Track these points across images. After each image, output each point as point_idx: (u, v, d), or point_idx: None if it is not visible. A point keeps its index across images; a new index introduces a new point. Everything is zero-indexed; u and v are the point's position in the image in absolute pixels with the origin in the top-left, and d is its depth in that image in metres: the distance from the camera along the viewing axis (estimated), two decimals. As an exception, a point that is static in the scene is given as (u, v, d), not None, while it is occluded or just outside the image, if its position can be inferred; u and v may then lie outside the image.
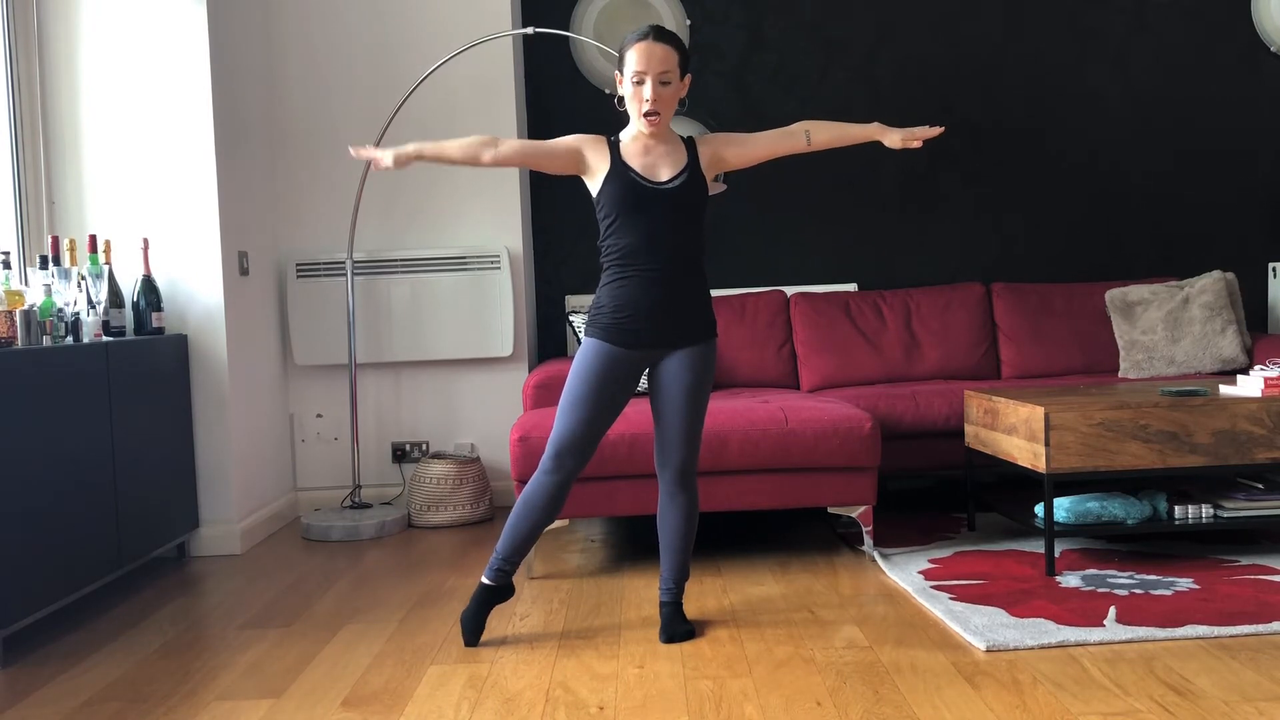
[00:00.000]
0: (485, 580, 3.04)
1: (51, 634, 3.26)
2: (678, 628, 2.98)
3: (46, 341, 3.43)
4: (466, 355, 4.84)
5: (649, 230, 2.90)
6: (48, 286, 3.54)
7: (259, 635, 3.17)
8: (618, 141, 2.99)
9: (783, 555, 3.86)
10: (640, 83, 2.89)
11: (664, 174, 2.94)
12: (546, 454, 2.97)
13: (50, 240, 3.66)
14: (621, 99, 2.97)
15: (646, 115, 2.90)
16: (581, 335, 4.47)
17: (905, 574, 3.49)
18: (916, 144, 3.01)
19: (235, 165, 4.39)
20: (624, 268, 2.93)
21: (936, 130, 3.01)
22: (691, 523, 3.05)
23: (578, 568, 3.81)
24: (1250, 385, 3.56)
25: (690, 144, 3.01)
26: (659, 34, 2.92)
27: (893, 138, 3.02)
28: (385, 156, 2.97)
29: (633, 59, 2.89)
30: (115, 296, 3.85)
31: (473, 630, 3.00)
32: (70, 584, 3.31)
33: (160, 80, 4.15)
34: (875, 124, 3.05)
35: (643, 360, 2.97)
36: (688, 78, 2.97)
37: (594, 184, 2.97)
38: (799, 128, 3.04)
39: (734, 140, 3.04)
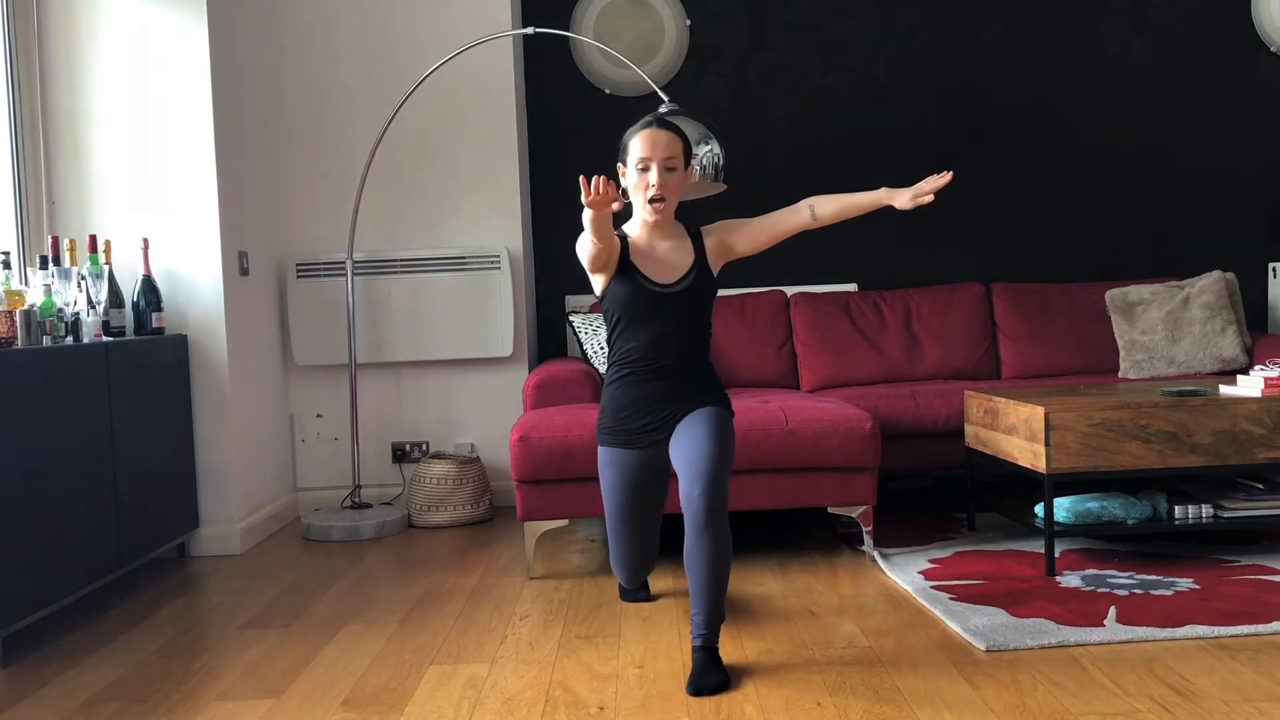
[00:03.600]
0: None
1: (51, 634, 3.26)
2: (708, 680, 2.60)
3: (46, 341, 3.43)
4: (466, 355, 4.84)
5: (656, 333, 2.87)
6: (48, 286, 3.54)
7: (259, 635, 3.17)
8: (625, 239, 2.91)
9: (783, 555, 3.86)
10: (645, 169, 2.85)
11: (672, 275, 2.89)
12: (624, 581, 3.20)
13: (50, 240, 3.66)
14: (625, 191, 2.92)
15: (652, 201, 2.84)
16: (582, 337, 4.47)
17: (905, 574, 3.49)
18: (928, 199, 2.87)
19: (235, 165, 4.39)
20: (626, 366, 2.91)
21: (945, 178, 2.87)
22: (723, 562, 2.71)
23: (578, 568, 3.81)
24: (1250, 385, 3.56)
25: (696, 237, 2.95)
26: (662, 122, 2.89)
27: (902, 199, 2.90)
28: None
29: (637, 146, 2.85)
30: (115, 296, 3.85)
31: (635, 597, 3.34)
32: (70, 584, 3.31)
33: (160, 80, 4.15)
34: (883, 189, 2.94)
35: (657, 455, 2.93)
36: (691, 168, 2.94)
37: (600, 280, 2.91)
38: (804, 204, 2.97)
39: (739, 226, 2.97)
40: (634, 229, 2.94)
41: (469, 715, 2.50)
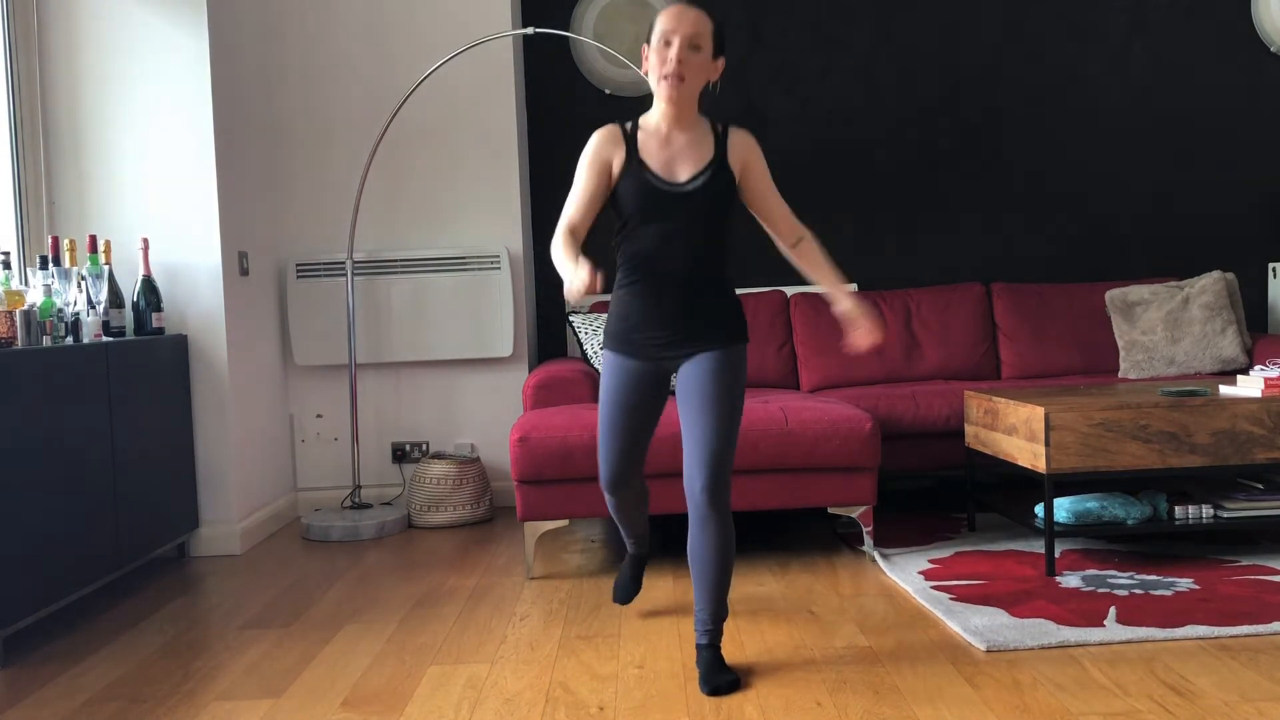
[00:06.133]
0: (630, 551, 3.21)
1: (51, 634, 3.26)
2: (721, 678, 2.59)
3: (46, 341, 3.43)
4: (466, 355, 4.84)
5: (663, 235, 2.64)
6: (48, 286, 3.54)
7: (259, 635, 3.17)
8: (635, 130, 2.70)
9: (783, 555, 3.86)
10: (668, 44, 2.59)
11: (684, 172, 2.65)
12: (603, 483, 2.88)
13: (50, 240, 3.66)
14: (647, 74, 2.67)
15: (667, 77, 2.59)
16: (582, 337, 4.47)
17: (905, 574, 3.49)
18: (861, 333, 2.72)
19: (235, 165, 4.39)
20: (634, 271, 2.68)
21: (880, 336, 2.73)
22: (726, 556, 2.67)
23: (578, 568, 3.81)
24: (1250, 385, 3.56)
25: (722, 135, 2.69)
26: (692, 1, 2.66)
27: (845, 305, 2.73)
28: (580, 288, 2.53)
29: (661, 22, 2.61)
30: (115, 296, 3.85)
31: (626, 594, 3.20)
32: (70, 584, 3.31)
33: (160, 80, 4.15)
34: (849, 293, 2.74)
35: (661, 370, 2.73)
36: (721, 60, 2.67)
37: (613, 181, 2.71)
38: (801, 233, 2.79)
39: (758, 175, 2.73)
40: (651, 118, 2.70)
41: (469, 715, 2.50)
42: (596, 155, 2.70)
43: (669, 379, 2.77)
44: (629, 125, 2.72)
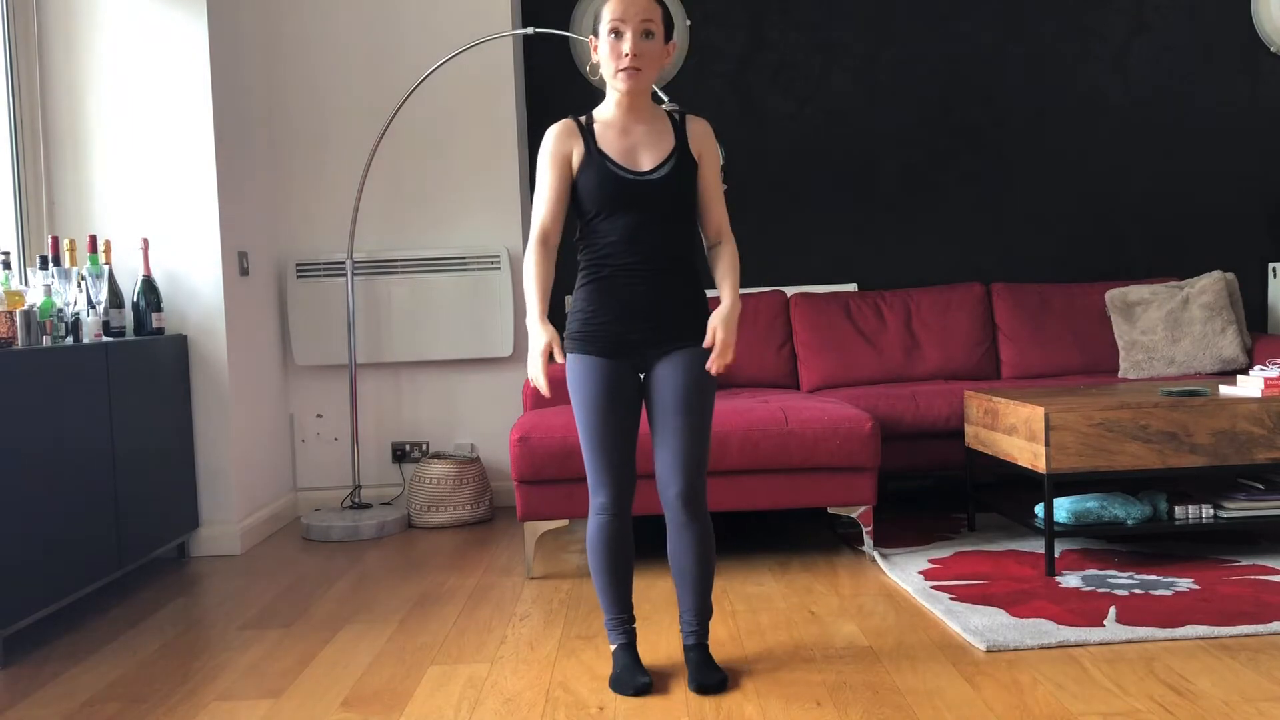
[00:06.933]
0: (615, 645, 2.72)
1: (51, 634, 3.26)
2: (710, 677, 2.59)
3: (46, 341, 3.43)
4: (466, 355, 4.84)
5: (632, 227, 2.56)
6: (48, 286, 3.54)
7: (259, 635, 3.17)
8: (591, 122, 2.63)
9: (783, 555, 3.86)
10: (619, 34, 2.53)
11: (647, 161, 2.58)
12: (594, 499, 2.63)
13: (50, 240, 3.66)
14: (596, 66, 2.62)
15: (624, 70, 2.53)
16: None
17: (905, 574, 3.49)
18: (719, 354, 2.56)
19: (235, 165, 4.39)
20: (599, 267, 2.59)
21: (722, 362, 2.55)
22: (707, 557, 2.64)
23: (578, 568, 3.81)
24: (1250, 385, 3.56)
25: (679, 123, 2.64)
26: None
27: (715, 317, 2.58)
28: (542, 376, 2.57)
29: (609, 10, 2.54)
30: (115, 297, 3.85)
31: (637, 687, 2.60)
32: (70, 584, 3.31)
33: (160, 80, 4.15)
34: (730, 307, 2.59)
35: (631, 368, 2.61)
36: (673, 44, 2.63)
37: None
38: (728, 236, 2.70)
39: (710, 166, 2.66)
40: (606, 111, 2.63)
41: (469, 715, 2.50)
42: (555, 150, 2.61)
43: (638, 381, 2.64)
44: (584, 118, 2.65)
